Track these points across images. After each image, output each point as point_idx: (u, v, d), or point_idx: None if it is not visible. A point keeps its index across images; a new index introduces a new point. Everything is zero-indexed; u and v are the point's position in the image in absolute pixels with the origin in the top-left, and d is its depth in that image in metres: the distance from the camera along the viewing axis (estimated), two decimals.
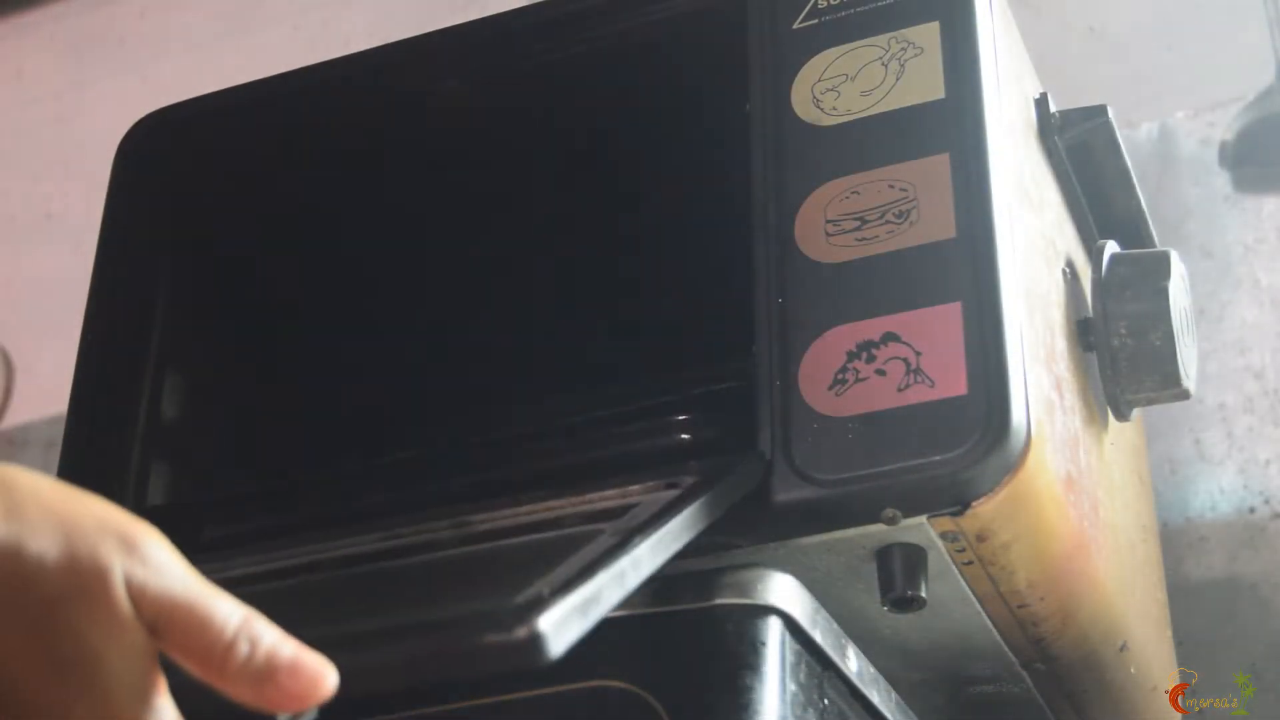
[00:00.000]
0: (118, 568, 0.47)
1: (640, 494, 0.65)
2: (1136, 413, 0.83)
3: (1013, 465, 0.64)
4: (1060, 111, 0.82)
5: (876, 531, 0.66)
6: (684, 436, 0.72)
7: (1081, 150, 0.84)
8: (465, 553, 0.66)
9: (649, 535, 0.56)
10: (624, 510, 0.62)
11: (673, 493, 0.64)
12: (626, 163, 0.89)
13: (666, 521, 0.58)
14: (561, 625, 0.49)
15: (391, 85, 0.83)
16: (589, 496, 0.67)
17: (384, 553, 0.69)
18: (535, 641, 0.48)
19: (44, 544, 0.46)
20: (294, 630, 0.51)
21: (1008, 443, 0.64)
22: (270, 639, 0.48)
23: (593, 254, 0.82)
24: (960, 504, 0.65)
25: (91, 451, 0.83)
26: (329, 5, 1.56)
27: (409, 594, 0.64)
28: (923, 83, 0.72)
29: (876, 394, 0.66)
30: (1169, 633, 0.92)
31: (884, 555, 0.67)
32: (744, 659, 0.63)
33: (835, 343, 0.67)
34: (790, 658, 0.64)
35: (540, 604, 0.49)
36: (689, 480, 0.65)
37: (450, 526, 0.69)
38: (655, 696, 0.62)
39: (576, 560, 0.54)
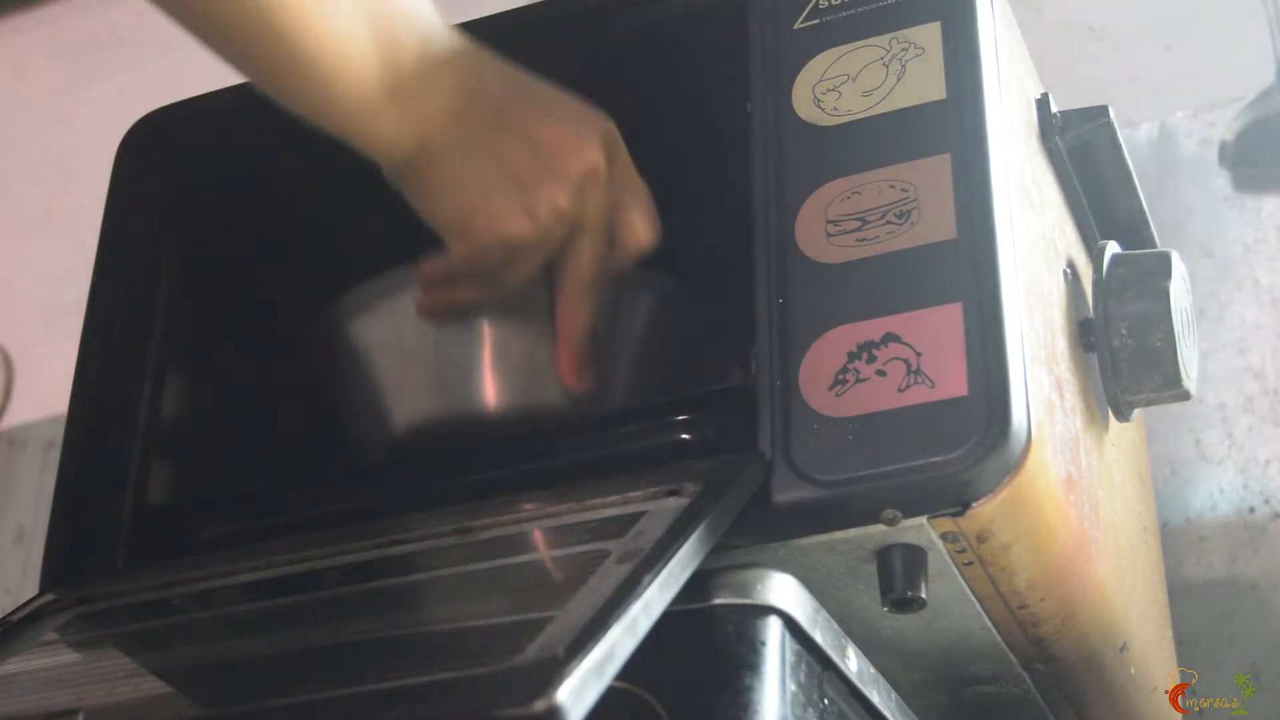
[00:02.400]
0: None
1: (642, 501, 0.65)
2: (1137, 413, 0.83)
3: (1013, 466, 0.64)
4: (1061, 112, 0.82)
5: (877, 532, 0.66)
6: (684, 436, 0.72)
7: (1082, 151, 0.84)
8: (467, 574, 0.66)
9: (657, 571, 0.57)
10: (628, 523, 0.62)
11: (675, 501, 0.64)
12: None
13: (674, 552, 0.58)
14: (580, 693, 0.49)
15: None
16: (590, 503, 0.67)
17: (386, 563, 0.69)
18: (554, 713, 0.48)
19: None
20: (298, 687, 0.52)
21: (1008, 443, 0.64)
22: None
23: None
24: (960, 505, 0.65)
25: (91, 451, 0.83)
26: None
27: (413, 635, 0.64)
28: (924, 83, 0.72)
29: (877, 395, 0.66)
30: (1169, 633, 0.92)
31: (884, 556, 0.67)
32: (744, 659, 0.63)
33: (835, 343, 0.67)
34: (790, 658, 0.64)
35: (556, 668, 0.49)
36: (691, 486, 0.65)
37: (452, 533, 0.69)
38: (655, 696, 0.62)
39: (587, 602, 0.54)
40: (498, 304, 0.79)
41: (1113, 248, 0.81)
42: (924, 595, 0.67)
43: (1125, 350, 0.78)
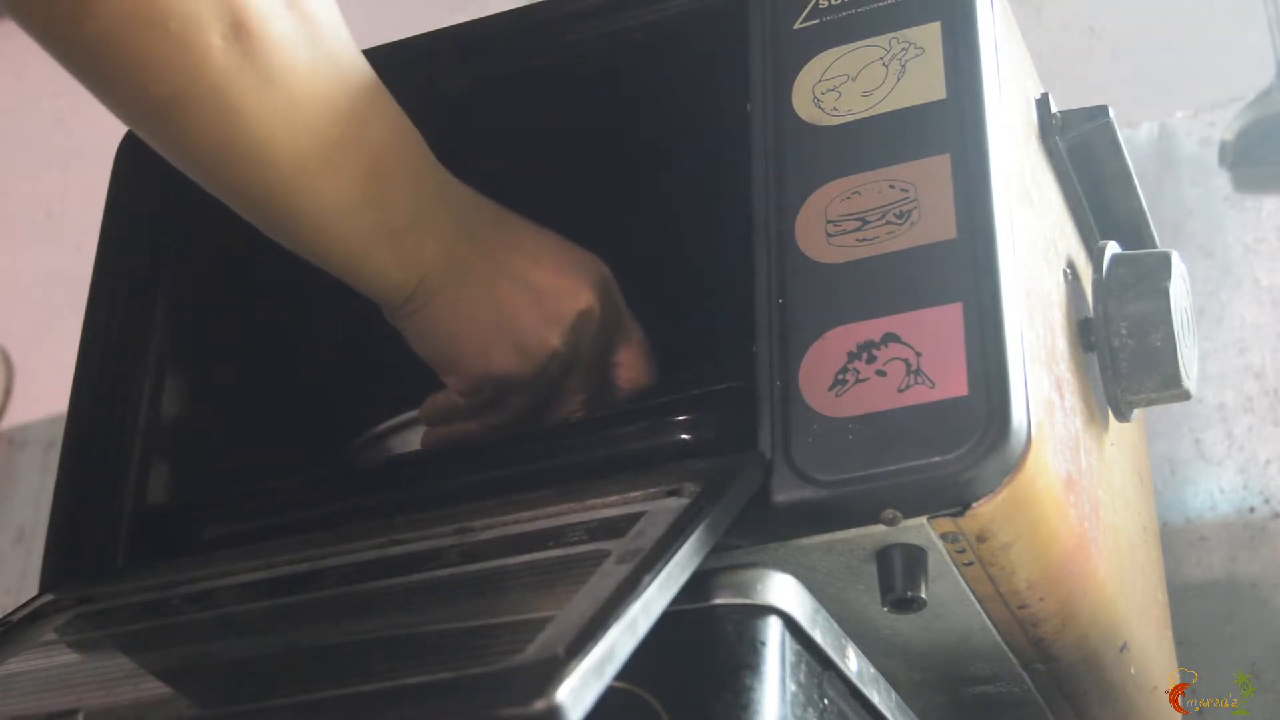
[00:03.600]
0: None
1: (642, 500, 0.65)
2: (1137, 413, 0.83)
3: (1013, 466, 0.64)
4: (1061, 112, 0.82)
5: (876, 532, 0.66)
6: (684, 437, 0.72)
7: (1083, 151, 0.84)
8: (467, 574, 0.66)
9: (657, 571, 0.57)
10: (628, 523, 0.62)
11: (675, 501, 0.64)
12: (625, 162, 0.89)
13: (674, 552, 0.58)
14: (580, 692, 0.49)
15: (392, 85, 0.83)
16: (590, 503, 0.67)
17: (386, 563, 0.69)
18: (554, 713, 0.48)
19: None
20: (298, 687, 0.51)
21: (1008, 443, 0.64)
22: None
23: (592, 254, 0.82)
24: (960, 505, 0.65)
25: (91, 451, 0.83)
26: None
27: (413, 635, 0.64)
28: (924, 83, 0.72)
29: (877, 395, 0.66)
30: (1169, 633, 0.92)
31: (884, 556, 0.67)
32: (744, 659, 0.63)
33: (835, 343, 0.67)
34: (790, 658, 0.64)
35: (556, 668, 0.49)
36: (691, 486, 0.65)
37: (452, 533, 0.69)
38: (655, 696, 0.62)
39: (587, 601, 0.55)
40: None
41: (1113, 248, 0.81)
42: (924, 595, 0.67)
43: (1125, 350, 0.78)
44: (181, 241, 0.88)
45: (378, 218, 0.74)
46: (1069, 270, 0.79)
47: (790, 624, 0.65)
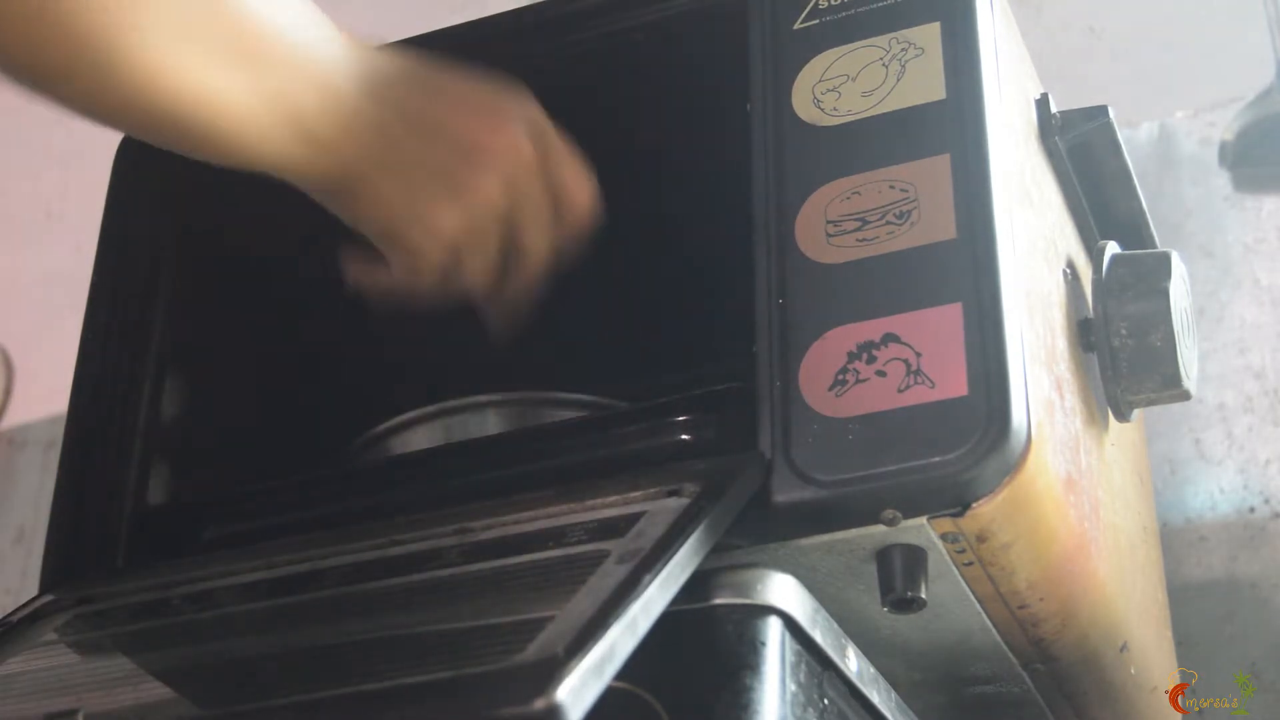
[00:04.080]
0: None
1: (642, 501, 0.65)
2: (1137, 413, 0.83)
3: (1013, 466, 0.64)
4: (1061, 112, 0.82)
5: (876, 532, 0.66)
6: (684, 437, 0.72)
7: (1082, 151, 0.84)
8: (467, 574, 0.66)
9: (657, 571, 0.57)
10: (628, 523, 0.63)
11: (675, 501, 0.64)
12: (625, 162, 0.89)
13: (674, 552, 0.58)
14: (579, 692, 0.49)
15: None
16: (590, 503, 0.67)
17: (386, 563, 0.69)
18: (554, 712, 0.48)
19: None
20: (298, 687, 0.51)
21: (1008, 444, 0.64)
22: None
23: (592, 254, 0.82)
24: (960, 505, 0.65)
25: (91, 451, 0.83)
26: (328, 5, 1.56)
27: (413, 635, 0.64)
28: (923, 83, 0.72)
29: (877, 395, 0.66)
30: (1169, 633, 0.92)
31: (884, 556, 0.67)
32: (744, 659, 0.63)
33: (835, 343, 0.67)
34: (790, 658, 0.64)
35: (556, 667, 0.49)
36: (691, 487, 0.65)
37: (452, 533, 0.69)
38: (654, 696, 0.62)
39: (587, 601, 0.55)
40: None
41: (1113, 248, 0.81)
42: (924, 595, 0.67)
43: (1125, 350, 0.78)
44: (181, 241, 0.88)
45: (290, 127, 0.71)
46: (1069, 270, 0.79)
47: (790, 624, 0.65)
